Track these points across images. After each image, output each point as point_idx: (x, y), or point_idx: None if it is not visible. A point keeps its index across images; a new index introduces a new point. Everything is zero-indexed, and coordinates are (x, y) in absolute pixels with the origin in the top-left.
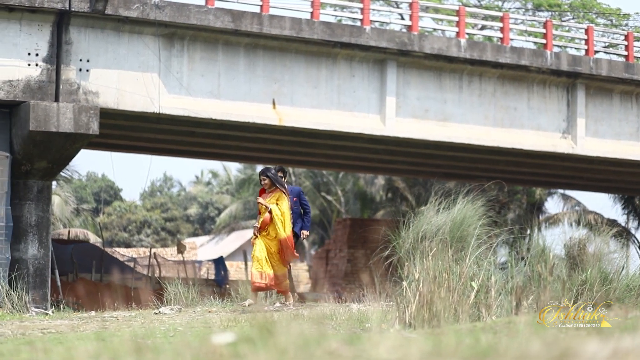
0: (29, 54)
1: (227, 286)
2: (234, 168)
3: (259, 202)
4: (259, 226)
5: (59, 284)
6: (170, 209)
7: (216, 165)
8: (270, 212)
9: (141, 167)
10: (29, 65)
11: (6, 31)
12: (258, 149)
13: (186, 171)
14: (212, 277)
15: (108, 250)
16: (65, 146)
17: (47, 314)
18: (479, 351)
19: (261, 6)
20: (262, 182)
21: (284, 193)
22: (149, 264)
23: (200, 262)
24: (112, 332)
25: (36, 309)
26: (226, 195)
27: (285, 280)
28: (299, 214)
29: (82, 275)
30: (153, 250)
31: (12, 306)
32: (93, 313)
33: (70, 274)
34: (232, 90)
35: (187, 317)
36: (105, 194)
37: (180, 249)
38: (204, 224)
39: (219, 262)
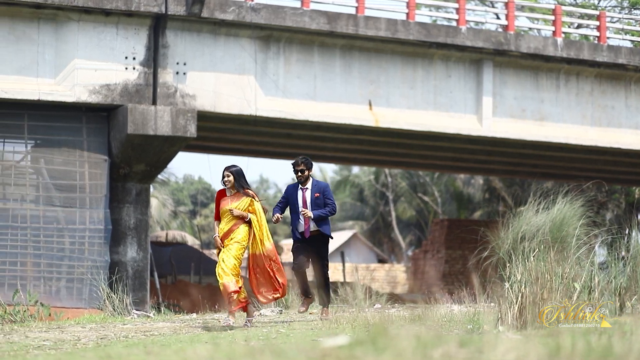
0: (126, 57)
1: None
2: (330, 169)
3: (233, 213)
4: (220, 236)
5: (158, 286)
6: (267, 210)
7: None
8: (249, 223)
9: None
10: (126, 68)
11: (103, 35)
12: (354, 150)
13: (282, 173)
14: (310, 278)
15: (206, 252)
16: (163, 149)
17: (148, 316)
18: (597, 354)
19: (356, 7)
20: (224, 180)
21: (255, 200)
22: (247, 265)
23: None
24: (216, 334)
25: (137, 312)
26: None
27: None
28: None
29: (181, 277)
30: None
31: (113, 309)
32: (194, 315)
33: (169, 276)
34: (328, 92)
35: (288, 318)
36: (202, 196)
37: (278, 251)
38: None
39: None
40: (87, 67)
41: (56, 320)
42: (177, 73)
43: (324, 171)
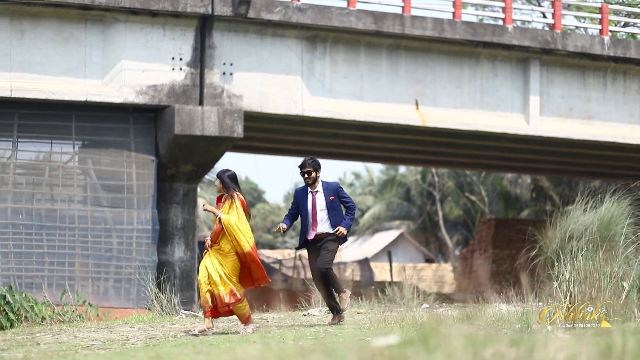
0: (172, 58)
1: (373, 287)
2: (377, 169)
3: (205, 209)
4: (210, 238)
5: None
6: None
7: (359, 166)
8: (220, 221)
9: (284, 169)
10: (173, 69)
11: (150, 36)
12: (401, 150)
13: (329, 173)
14: (358, 278)
15: None
16: (210, 149)
17: (196, 316)
18: None
19: (403, 7)
20: (216, 186)
21: (234, 199)
22: (293, 265)
23: (345, 263)
24: (264, 334)
25: (185, 312)
26: (369, 197)
27: (242, 304)
28: (340, 213)
29: None
30: (298, 252)
31: (161, 309)
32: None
33: None
34: (374, 92)
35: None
36: (248, 197)
37: None
38: None
39: (364, 263)
40: (135, 68)
41: (104, 320)
42: (224, 73)
43: (371, 171)
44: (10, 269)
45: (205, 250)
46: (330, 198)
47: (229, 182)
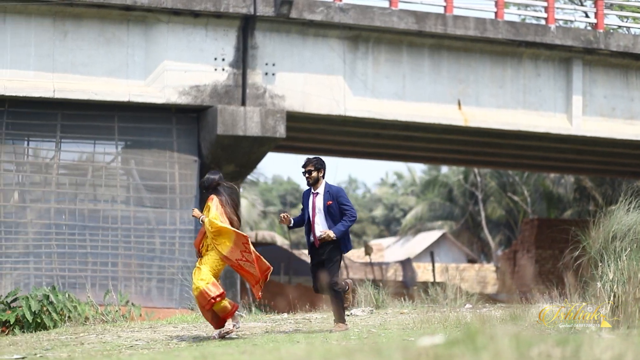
0: (215, 58)
1: (415, 288)
2: (419, 169)
3: (194, 215)
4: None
5: (247, 286)
6: (356, 210)
7: (401, 166)
8: (202, 223)
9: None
10: (215, 70)
11: (192, 37)
12: (443, 150)
13: (371, 173)
14: (400, 278)
15: (295, 252)
16: (253, 150)
17: (241, 316)
18: None
19: (445, 7)
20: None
21: (212, 200)
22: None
23: (387, 263)
24: (308, 334)
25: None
26: (411, 197)
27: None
28: (339, 219)
29: (270, 277)
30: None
31: None
32: (285, 315)
33: None
34: (417, 92)
35: (379, 318)
36: (291, 197)
37: (368, 251)
38: (390, 226)
39: (407, 264)
40: (177, 68)
41: (147, 321)
42: (266, 74)
43: (413, 171)
44: (53, 269)
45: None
46: (328, 203)
47: (209, 182)
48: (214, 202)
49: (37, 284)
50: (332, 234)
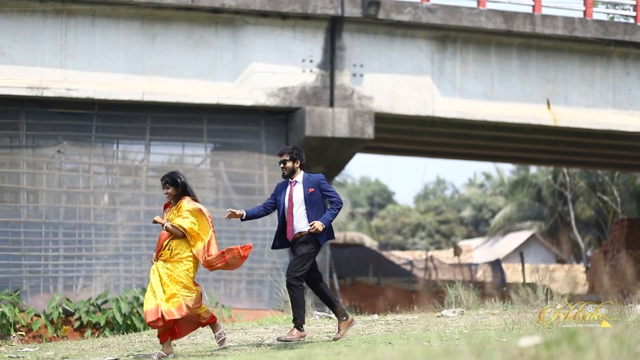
0: (303, 60)
1: (505, 289)
2: (507, 169)
3: (153, 220)
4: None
5: (337, 287)
6: (444, 211)
7: (489, 167)
8: (166, 229)
9: (414, 170)
10: (303, 71)
11: (280, 38)
12: (531, 150)
13: (459, 173)
14: (489, 279)
15: (384, 253)
16: (341, 151)
17: (330, 317)
18: None
19: (533, 6)
20: (165, 191)
21: (185, 201)
22: (425, 267)
23: (476, 264)
24: (398, 335)
25: (319, 313)
26: (500, 197)
27: (199, 306)
28: (322, 208)
29: (359, 278)
30: (429, 253)
31: None
32: (376, 316)
33: (347, 277)
34: (505, 92)
35: (470, 319)
36: (378, 198)
37: (457, 252)
38: (478, 226)
39: (496, 265)
40: (265, 70)
41: (237, 322)
42: (354, 75)
43: (501, 171)
44: (143, 271)
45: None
46: (310, 190)
47: (183, 186)
48: (189, 205)
49: (127, 286)
50: (320, 225)
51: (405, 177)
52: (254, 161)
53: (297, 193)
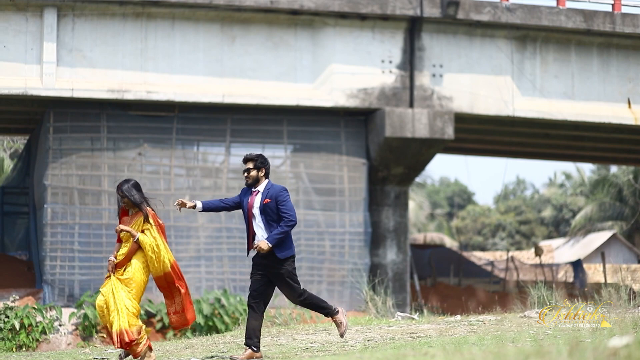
0: (382, 61)
1: (586, 289)
2: (587, 169)
3: (121, 229)
4: (116, 260)
5: (417, 288)
6: (524, 211)
7: (569, 166)
8: (137, 241)
9: (494, 171)
10: (382, 72)
11: (359, 39)
12: (612, 149)
13: (539, 173)
14: (571, 280)
15: (465, 254)
16: (421, 152)
17: (413, 318)
18: None
19: (613, 5)
20: (121, 201)
21: (146, 216)
22: (506, 267)
23: (557, 265)
24: (481, 336)
25: (401, 314)
26: (580, 197)
27: (140, 337)
28: (277, 221)
29: (440, 279)
30: (510, 253)
31: (377, 311)
32: (458, 317)
33: (428, 278)
34: (585, 91)
35: (552, 320)
36: (458, 198)
37: (538, 252)
38: (559, 227)
39: (577, 265)
40: (344, 71)
41: (318, 323)
42: (434, 75)
43: (581, 171)
44: (224, 273)
45: (108, 276)
46: (265, 201)
47: (139, 197)
48: (150, 219)
49: (209, 288)
50: (265, 245)
51: (486, 177)
52: (333, 162)
53: (255, 203)
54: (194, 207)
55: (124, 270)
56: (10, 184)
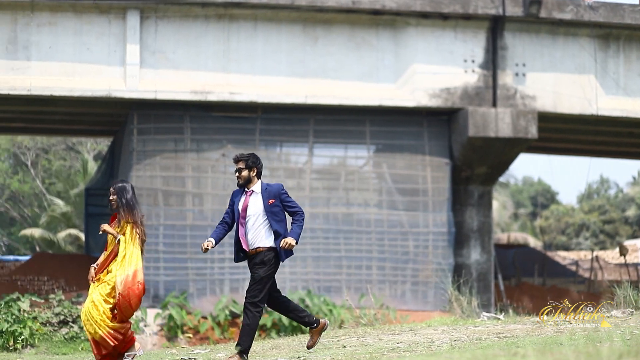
0: (464, 60)
1: None
2: None
3: (103, 230)
4: (100, 264)
5: (502, 288)
6: (608, 211)
7: None
8: (118, 243)
9: (577, 170)
10: (465, 72)
11: (442, 39)
12: None
13: (623, 172)
14: None
15: (549, 254)
16: (504, 151)
17: (498, 318)
18: None
19: None
20: (110, 200)
21: (128, 221)
22: (591, 267)
23: None
24: (568, 336)
25: (487, 314)
26: None
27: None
28: (284, 220)
29: (524, 279)
30: (594, 253)
31: (462, 311)
32: (545, 317)
33: (512, 278)
34: None
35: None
36: (542, 198)
37: (623, 252)
38: None
39: None
40: (427, 71)
41: (402, 323)
42: (517, 75)
43: None
44: (308, 273)
45: (92, 281)
46: (270, 201)
47: (128, 200)
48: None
49: (293, 288)
50: (293, 241)
51: (569, 176)
52: (416, 162)
53: (254, 204)
54: (212, 244)
55: (106, 273)
56: (94, 186)
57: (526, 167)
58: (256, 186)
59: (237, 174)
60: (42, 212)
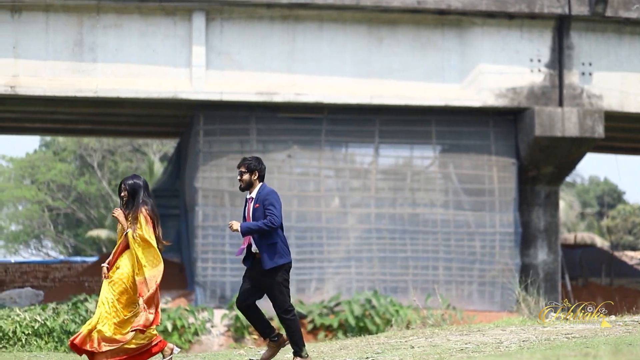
0: (530, 60)
1: None
2: None
3: (115, 216)
4: (110, 261)
5: (569, 288)
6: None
7: None
8: (126, 236)
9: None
10: (531, 71)
11: (508, 39)
12: None
13: None
14: None
15: (616, 254)
16: (571, 151)
17: (566, 319)
18: None
19: None
20: (122, 196)
21: (139, 214)
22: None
23: None
24: (638, 337)
25: (553, 314)
26: None
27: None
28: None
29: (591, 279)
30: None
31: (529, 312)
32: (613, 317)
33: (579, 278)
34: None
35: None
36: (608, 198)
37: None
38: None
39: None
40: (492, 71)
41: (468, 324)
42: (583, 74)
43: None
44: (374, 274)
45: (105, 277)
46: (256, 205)
47: (142, 193)
48: (142, 213)
49: (359, 289)
50: (237, 225)
51: (636, 176)
52: (483, 162)
53: (252, 209)
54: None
55: (115, 270)
56: (160, 187)
57: (592, 166)
58: (254, 191)
59: (238, 178)
60: (108, 213)
